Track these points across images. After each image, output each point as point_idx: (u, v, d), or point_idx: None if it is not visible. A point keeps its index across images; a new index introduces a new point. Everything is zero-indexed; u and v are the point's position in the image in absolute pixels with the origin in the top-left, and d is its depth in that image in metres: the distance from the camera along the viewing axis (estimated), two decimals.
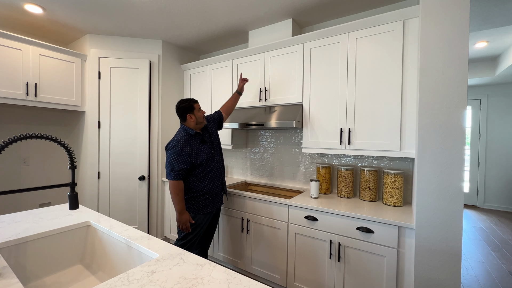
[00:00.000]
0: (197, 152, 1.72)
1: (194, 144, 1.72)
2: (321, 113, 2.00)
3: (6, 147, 0.78)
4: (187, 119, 1.75)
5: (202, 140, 1.78)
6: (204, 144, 1.78)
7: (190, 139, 1.72)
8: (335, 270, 1.67)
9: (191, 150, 1.69)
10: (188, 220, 1.70)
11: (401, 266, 1.47)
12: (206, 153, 1.76)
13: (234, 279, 0.80)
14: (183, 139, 1.70)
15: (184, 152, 1.66)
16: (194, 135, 1.76)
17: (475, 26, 2.43)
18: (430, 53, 1.33)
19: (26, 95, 2.24)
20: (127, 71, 2.68)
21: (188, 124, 1.76)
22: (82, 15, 2.24)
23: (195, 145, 1.72)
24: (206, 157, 1.75)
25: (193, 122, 1.75)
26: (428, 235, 1.33)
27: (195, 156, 1.70)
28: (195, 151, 1.71)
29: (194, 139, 1.74)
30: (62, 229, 1.23)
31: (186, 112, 1.74)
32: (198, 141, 1.75)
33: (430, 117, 1.33)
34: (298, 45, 2.10)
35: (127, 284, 0.76)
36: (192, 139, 1.73)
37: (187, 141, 1.70)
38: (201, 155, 1.73)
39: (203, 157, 1.73)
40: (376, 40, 1.76)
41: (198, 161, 1.71)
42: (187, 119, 1.75)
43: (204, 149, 1.77)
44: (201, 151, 1.74)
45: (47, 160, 2.84)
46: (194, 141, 1.73)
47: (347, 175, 2.01)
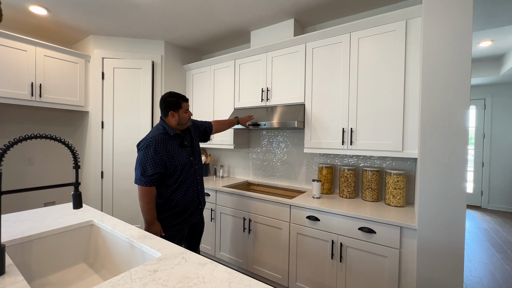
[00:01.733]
0: (173, 155, 1.46)
1: (171, 146, 1.47)
2: (323, 113, 2.00)
3: (12, 147, 0.79)
4: (168, 116, 1.50)
5: (182, 143, 1.53)
6: (183, 148, 1.53)
7: (167, 140, 1.47)
8: (336, 271, 1.67)
9: (166, 152, 1.43)
10: (159, 232, 1.45)
11: (403, 267, 1.47)
12: (183, 159, 1.50)
13: (235, 278, 0.81)
14: (158, 138, 1.44)
15: (158, 153, 1.41)
16: (173, 136, 1.50)
17: (479, 25, 2.41)
18: (433, 52, 1.33)
19: (31, 95, 2.27)
20: (130, 72, 2.70)
21: (169, 122, 1.51)
22: (85, 16, 2.26)
23: (172, 147, 1.47)
24: (183, 162, 1.50)
25: (174, 121, 1.50)
26: (430, 235, 1.32)
27: (170, 159, 1.44)
28: (170, 154, 1.45)
29: (172, 141, 1.49)
30: (66, 228, 1.25)
31: (170, 108, 1.48)
32: (176, 143, 1.51)
33: (433, 117, 1.32)
34: (300, 45, 2.10)
35: (130, 283, 0.77)
36: (169, 140, 1.48)
37: (163, 140, 1.45)
38: (177, 159, 1.47)
39: (179, 162, 1.48)
40: (378, 40, 1.75)
41: (172, 166, 1.45)
42: (168, 116, 1.50)
43: (182, 153, 1.51)
44: (178, 155, 1.48)
45: (51, 160, 2.87)
46: (171, 142, 1.48)
47: (349, 175, 2.00)
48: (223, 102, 2.65)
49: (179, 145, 1.52)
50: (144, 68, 2.71)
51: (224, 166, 3.04)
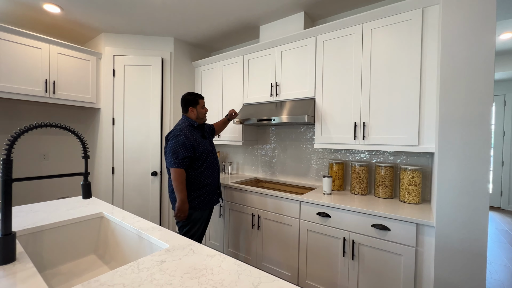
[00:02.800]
0: (199, 142, 1.73)
1: (196, 135, 1.75)
2: (334, 107, 1.94)
3: (22, 134, 0.80)
4: (188, 111, 1.80)
5: (203, 135, 1.83)
6: (204, 139, 1.82)
7: (192, 130, 1.76)
8: (348, 269, 1.62)
9: (194, 139, 1.71)
10: (187, 211, 1.66)
11: (419, 266, 1.40)
12: (206, 146, 1.78)
13: (244, 270, 0.78)
14: (186, 128, 1.72)
15: (188, 140, 1.67)
16: (196, 127, 1.80)
17: (499, 15, 2.28)
18: (452, 41, 1.26)
19: (45, 92, 2.33)
20: (140, 69, 2.73)
21: (190, 116, 1.81)
22: (97, 14, 2.30)
23: (197, 137, 1.75)
24: (206, 149, 1.77)
25: (194, 116, 1.80)
26: (450, 233, 1.25)
27: (197, 145, 1.71)
28: (197, 141, 1.72)
29: (196, 131, 1.78)
30: (76, 219, 1.26)
31: (189, 104, 1.79)
32: (199, 134, 1.80)
33: (452, 109, 1.25)
34: (310, 38, 2.05)
35: (137, 272, 0.76)
36: (194, 130, 1.77)
37: (189, 130, 1.73)
38: (202, 146, 1.74)
39: (204, 148, 1.75)
40: (392, 31, 1.69)
41: (199, 151, 1.71)
42: (188, 112, 1.80)
43: (205, 142, 1.80)
44: (202, 143, 1.76)
45: (65, 156, 2.93)
46: (195, 132, 1.77)
47: (361, 171, 1.94)
48: (232, 98, 2.63)
49: (201, 136, 1.81)
50: (154, 65, 2.73)
51: (233, 162, 3.02)
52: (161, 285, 0.70)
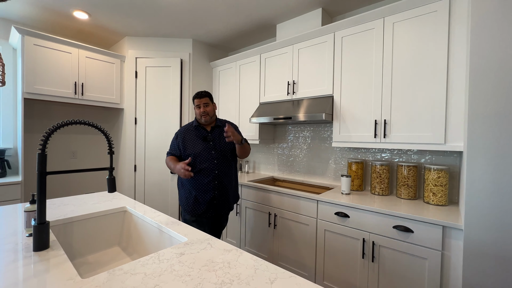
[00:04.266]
0: (188, 143, 1.66)
1: (190, 136, 1.69)
2: (353, 105, 1.89)
3: (55, 131, 0.86)
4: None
5: (205, 138, 1.68)
6: (205, 142, 1.67)
7: (190, 130, 1.72)
8: (368, 271, 1.56)
9: (182, 141, 1.68)
10: (182, 165, 1.51)
11: (446, 271, 1.32)
12: (198, 148, 1.64)
13: (261, 265, 0.78)
14: (183, 128, 1.76)
15: (177, 139, 1.71)
16: (195, 127, 1.72)
17: None
18: (483, 32, 1.17)
19: (74, 93, 2.48)
20: (160, 70, 2.83)
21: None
22: (122, 19, 2.41)
23: (190, 137, 1.68)
24: (197, 151, 1.63)
25: (196, 115, 1.74)
26: (480, 237, 1.17)
27: (184, 146, 1.67)
28: (186, 142, 1.67)
29: (195, 132, 1.70)
30: (102, 212, 1.33)
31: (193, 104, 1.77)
32: (199, 135, 1.69)
33: (483, 105, 1.17)
34: (329, 35, 2.02)
35: (158, 263, 0.79)
36: (191, 131, 1.71)
37: (185, 130, 1.73)
38: (192, 147, 1.64)
39: (193, 150, 1.63)
40: (416, 23, 1.61)
41: (185, 153, 1.65)
42: None
43: (200, 145, 1.65)
44: (195, 145, 1.65)
45: (91, 154, 3.11)
46: (193, 133, 1.70)
47: (382, 171, 1.87)
48: (248, 97, 2.65)
49: (202, 138, 1.68)
50: (173, 66, 2.82)
51: (249, 161, 3.04)
52: (180, 275, 0.72)
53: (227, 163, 1.70)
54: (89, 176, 3.11)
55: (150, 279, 0.70)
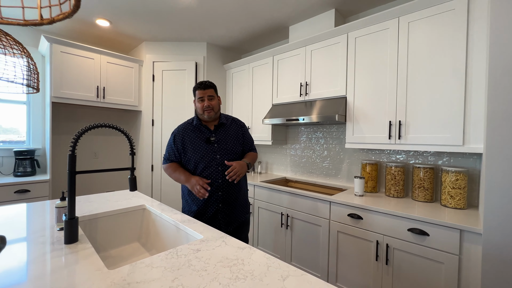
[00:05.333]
0: (187, 148, 1.40)
1: (189, 137, 1.42)
2: (367, 106, 1.87)
3: (84, 133, 0.93)
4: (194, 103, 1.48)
5: (208, 139, 1.41)
6: (208, 144, 1.40)
7: (189, 130, 1.44)
8: (382, 274, 1.55)
9: (182, 143, 1.42)
10: (198, 181, 1.30)
11: (464, 276, 1.29)
12: (200, 153, 1.38)
13: (273, 263, 0.81)
14: (181, 127, 1.46)
15: (175, 142, 1.43)
16: (195, 125, 1.44)
17: None
18: (503, 29, 1.14)
19: (97, 97, 2.62)
20: (176, 73, 2.92)
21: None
22: (140, 25, 2.52)
23: (190, 139, 1.42)
24: (197, 157, 1.37)
25: (196, 110, 1.46)
26: (499, 242, 1.13)
27: (184, 151, 1.41)
28: (185, 146, 1.41)
29: (194, 133, 1.43)
30: (123, 209, 1.41)
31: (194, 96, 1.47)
32: (200, 136, 1.42)
33: (503, 106, 1.14)
34: (341, 36, 2.01)
35: (176, 258, 0.84)
36: (190, 131, 1.44)
37: (183, 130, 1.44)
38: (190, 152, 1.39)
39: (192, 156, 1.38)
40: (433, 22, 1.57)
41: (185, 158, 1.41)
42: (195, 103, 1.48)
43: (201, 148, 1.39)
44: (195, 149, 1.39)
45: (111, 154, 3.26)
46: (192, 134, 1.43)
47: (397, 172, 1.84)
48: (261, 99, 2.68)
49: (203, 140, 1.41)
50: (188, 69, 2.90)
51: (262, 162, 3.07)
52: (197, 270, 0.76)
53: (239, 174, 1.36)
54: (108, 175, 3.26)
55: (169, 273, 0.75)
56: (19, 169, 2.41)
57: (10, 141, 2.58)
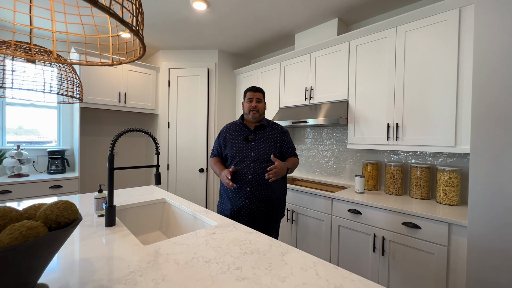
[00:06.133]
0: (227, 144, 1.57)
1: (231, 135, 1.59)
2: (366, 109, 2.01)
3: (120, 136, 1.14)
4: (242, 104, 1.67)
5: (246, 137, 1.55)
6: (246, 141, 1.54)
7: (232, 128, 1.62)
8: (379, 264, 1.68)
9: (224, 139, 1.60)
10: (225, 173, 1.45)
11: (452, 265, 1.41)
12: (236, 148, 1.53)
13: (275, 243, 0.99)
14: (228, 126, 1.66)
15: (219, 137, 1.64)
16: (239, 124, 1.61)
17: None
18: (486, 39, 1.26)
19: (119, 102, 2.88)
20: (189, 79, 3.14)
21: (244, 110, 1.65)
22: (157, 35, 2.76)
23: (232, 136, 1.58)
24: (234, 151, 1.52)
25: (244, 109, 1.64)
26: (483, 233, 1.25)
27: (224, 145, 1.59)
28: (226, 142, 1.59)
29: (237, 131, 1.59)
30: (147, 202, 1.62)
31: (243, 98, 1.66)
32: (243, 133, 1.57)
33: (486, 109, 1.26)
34: (343, 44, 2.15)
35: (196, 238, 1.03)
36: (234, 129, 1.61)
37: (229, 128, 1.64)
38: (231, 147, 1.54)
39: (230, 151, 1.54)
40: (427, 32, 1.70)
41: (225, 151, 1.58)
42: (242, 105, 1.67)
43: (239, 144, 1.53)
44: (234, 145, 1.54)
45: (130, 154, 3.53)
46: (235, 132, 1.59)
47: (395, 171, 1.97)
48: (269, 102, 2.85)
49: (243, 138, 1.55)
50: (201, 75, 3.12)
51: None
52: (213, 247, 0.95)
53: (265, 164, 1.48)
54: (129, 173, 3.52)
55: (191, 248, 0.93)
56: (52, 167, 2.69)
57: (32, 141, 2.85)
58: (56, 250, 0.60)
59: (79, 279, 0.73)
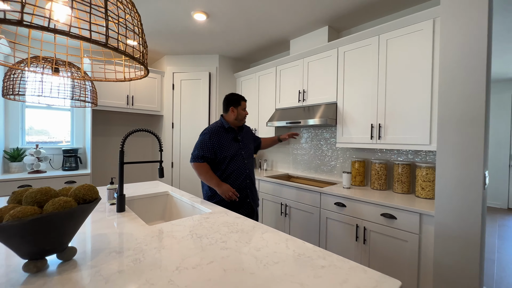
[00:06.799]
0: (223, 146, 1.72)
1: (224, 137, 1.74)
2: (353, 111, 2.17)
3: (129, 136, 1.34)
4: (229, 111, 1.79)
5: (235, 138, 1.79)
6: (236, 142, 1.78)
7: (222, 132, 1.75)
8: (361, 252, 1.85)
9: (218, 142, 1.71)
10: (229, 189, 1.65)
11: (423, 251, 1.57)
12: (233, 150, 1.74)
13: (257, 225, 1.17)
14: (215, 129, 1.74)
15: (211, 140, 1.69)
16: (227, 128, 1.77)
17: None
18: (450, 48, 1.42)
19: (127, 104, 3.11)
20: (192, 82, 3.35)
21: (228, 117, 1.80)
22: (162, 42, 2.97)
23: (225, 138, 1.74)
24: (232, 153, 1.73)
25: (233, 116, 1.78)
26: (446, 222, 1.41)
27: (220, 148, 1.70)
28: (222, 143, 1.72)
29: (226, 134, 1.76)
30: (152, 194, 1.82)
31: (231, 104, 1.78)
32: (230, 136, 1.77)
33: (449, 112, 1.41)
34: (333, 50, 2.32)
35: (192, 221, 1.22)
36: (223, 132, 1.75)
37: (217, 131, 1.73)
38: (226, 149, 1.72)
39: (228, 153, 1.72)
40: (406, 40, 1.85)
41: (222, 154, 1.70)
42: (228, 112, 1.79)
43: (233, 146, 1.75)
44: (228, 147, 1.73)
45: (135, 152, 3.76)
46: (226, 134, 1.75)
47: (379, 168, 2.12)
48: (266, 104, 3.04)
49: (232, 139, 1.77)
50: (203, 79, 3.32)
51: (268, 160, 3.42)
52: (206, 227, 1.14)
53: (252, 161, 1.87)
54: (134, 169, 3.76)
55: (187, 228, 1.13)
56: (66, 164, 2.93)
57: (43, 141, 3.09)
58: (82, 220, 0.80)
59: (97, 247, 0.93)
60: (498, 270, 2.36)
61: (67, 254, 0.80)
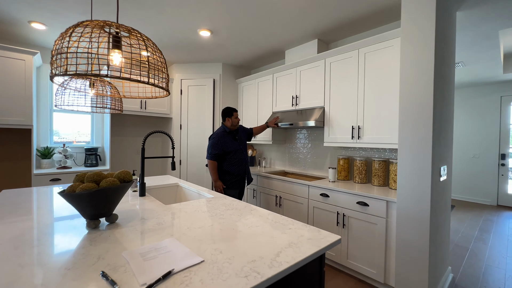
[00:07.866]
0: (228, 143, 2.48)
1: (227, 138, 2.49)
2: (337, 114, 2.49)
3: (148, 136, 1.70)
4: (225, 120, 2.53)
5: (234, 137, 2.55)
6: (235, 140, 2.54)
7: (225, 134, 2.50)
8: (341, 234, 2.17)
9: (224, 142, 2.46)
10: (221, 185, 2.47)
11: (389, 232, 1.88)
12: (234, 146, 2.51)
13: (248, 206, 1.51)
14: (220, 134, 2.49)
15: (219, 142, 2.44)
16: (228, 132, 2.53)
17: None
18: (407, 65, 1.73)
19: (140, 108, 3.49)
20: (198, 88, 3.72)
21: (226, 124, 2.53)
22: (172, 53, 3.35)
23: (228, 139, 2.49)
24: (235, 148, 2.50)
25: (229, 123, 2.52)
26: (405, 206, 1.72)
27: (226, 146, 2.46)
28: (227, 143, 2.47)
29: (228, 135, 2.51)
30: (165, 185, 2.18)
31: (226, 115, 2.53)
32: (231, 137, 2.53)
33: (406, 116, 1.73)
34: (321, 61, 2.64)
35: (197, 203, 1.57)
36: (226, 135, 2.50)
37: (222, 135, 2.48)
38: (230, 146, 2.48)
39: (232, 148, 2.49)
40: (380, 54, 2.17)
41: (228, 149, 2.46)
42: (225, 121, 2.53)
43: (234, 143, 2.52)
44: (231, 144, 2.49)
45: (148, 150, 4.14)
46: (228, 136, 2.50)
47: (360, 164, 2.44)
48: (264, 107, 3.37)
49: (233, 139, 2.53)
50: (208, 85, 3.68)
51: (266, 158, 3.76)
52: (208, 207, 1.48)
53: (247, 152, 2.66)
54: (147, 165, 4.14)
55: (195, 207, 1.48)
56: (88, 161, 3.34)
57: (68, 141, 3.51)
58: (122, 194, 1.16)
59: (130, 216, 1.29)
60: (469, 256, 2.63)
61: (113, 217, 1.16)
